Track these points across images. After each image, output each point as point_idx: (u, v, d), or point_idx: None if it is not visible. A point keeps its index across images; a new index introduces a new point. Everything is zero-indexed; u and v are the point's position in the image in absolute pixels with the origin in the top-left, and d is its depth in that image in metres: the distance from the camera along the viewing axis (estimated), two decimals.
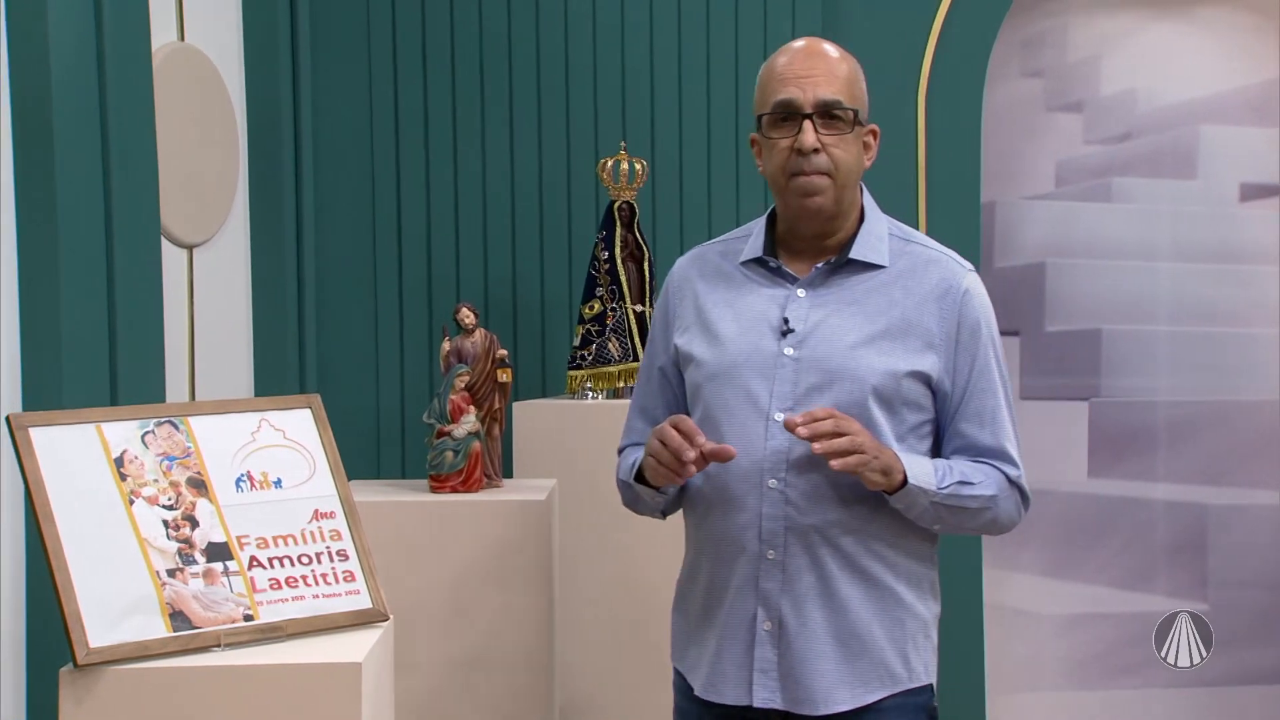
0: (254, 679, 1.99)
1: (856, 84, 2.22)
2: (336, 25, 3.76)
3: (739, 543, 2.17)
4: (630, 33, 3.78)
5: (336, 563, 2.23)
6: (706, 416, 2.21)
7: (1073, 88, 4.12)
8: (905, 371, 2.17)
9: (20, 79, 2.51)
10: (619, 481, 2.36)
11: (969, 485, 2.17)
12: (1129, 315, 4.11)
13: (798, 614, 2.16)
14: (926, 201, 3.82)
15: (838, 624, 2.16)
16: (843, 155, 2.19)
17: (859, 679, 2.17)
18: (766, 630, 2.17)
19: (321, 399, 2.39)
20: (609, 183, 3.52)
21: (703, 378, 2.23)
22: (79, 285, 2.58)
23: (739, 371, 2.19)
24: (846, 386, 2.15)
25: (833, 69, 2.19)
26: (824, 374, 2.16)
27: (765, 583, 2.16)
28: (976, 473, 2.18)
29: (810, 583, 2.15)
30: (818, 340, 2.18)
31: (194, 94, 3.21)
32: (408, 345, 3.80)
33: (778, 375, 2.17)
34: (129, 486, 2.10)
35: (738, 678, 2.19)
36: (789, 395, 2.16)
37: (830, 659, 2.16)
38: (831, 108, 2.17)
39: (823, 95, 2.17)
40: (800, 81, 2.18)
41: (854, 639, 2.17)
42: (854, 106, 2.19)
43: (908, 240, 2.28)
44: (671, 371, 2.34)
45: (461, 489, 3.14)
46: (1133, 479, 4.11)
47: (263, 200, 3.54)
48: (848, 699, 2.17)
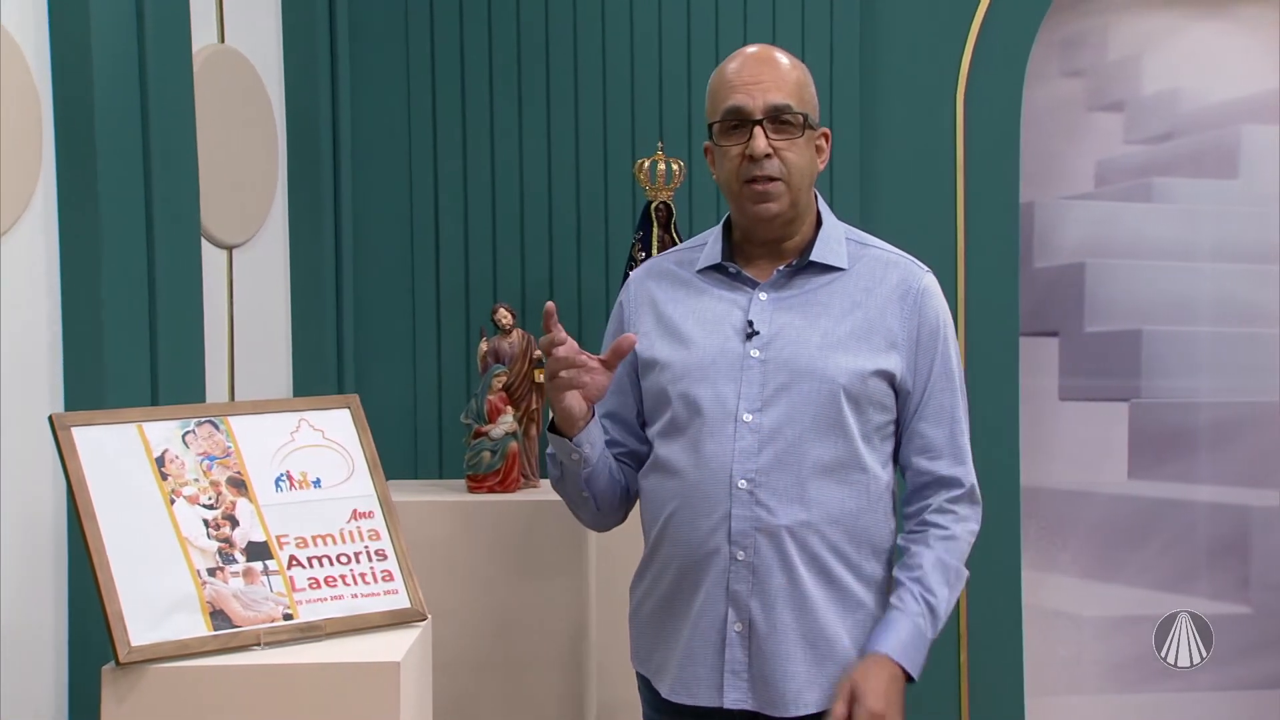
0: (293, 678, 2.00)
1: (806, 89, 2.22)
2: (375, 27, 3.77)
3: (708, 544, 2.18)
4: (667, 33, 3.78)
5: (375, 562, 2.24)
6: (673, 420, 2.22)
7: (1113, 87, 4.09)
8: (871, 371, 2.18)
9: (63, 81, 2.53)
10: (547, 456, 2.31)
11: (944, 594, 2.20)
12: (1170, 316, 4.08)
13: (767, 615, 2.17)
14: (965, 202, 3.80)
15: (806, 625, 2.17)
16: (795, 159, 2.19)
17: (829, 680, 2.18)
18: (737, 632, 2.18)
19: (359, 399, 2.40)
20: (646, 183, 3.52)
21: (668, 381, 2.23)
22: (120, 286, 2.60)
23: (706, 373, 2.20)
24: (815, 385, 2.16)
25: (781, 75, 2.20)
26: (792, 374, 2.17)
27: (735, 584, 2.17)
28: (935, 573, 2.20)
29: (780, 584, 2.16)
30: (784, 342, 2.19)
31: (234, 96, 3.23)
32: (445, 346, 3.80)
33: (745, 377, 2.18)
34: (170, 486, 2.11)
35: (709, 680, 2.20)
36: (757, 396, 2.17)
37: (800, 661, 2.17)
38: (781, 113, 2.17)
39: (772, 100, 2.17)
40: (749, 88, 2.18)
41: (822, 641, 2.18)
42: (804, 111, 2.19)
43: (864, 244, 2.29)
44: (627, 381, 2.33)
45: (499, 489, 3.15)
46: (1174, 481, 4.08)
47: (302, 201, 3.55)
48: (817, 700, 2.18)
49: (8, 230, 2.43)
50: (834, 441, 2.16)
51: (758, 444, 2.15)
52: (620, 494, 2.34)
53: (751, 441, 2.15)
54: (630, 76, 3.78)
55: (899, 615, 2.18)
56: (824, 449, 2.16)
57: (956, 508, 2.24)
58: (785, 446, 2.15)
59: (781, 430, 2.15)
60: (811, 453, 2.15)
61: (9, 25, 2.43)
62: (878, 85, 3.80)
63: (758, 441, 2.15)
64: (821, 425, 2.16)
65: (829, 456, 2.16)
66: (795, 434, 2.15)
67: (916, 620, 2.18)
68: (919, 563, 2.21)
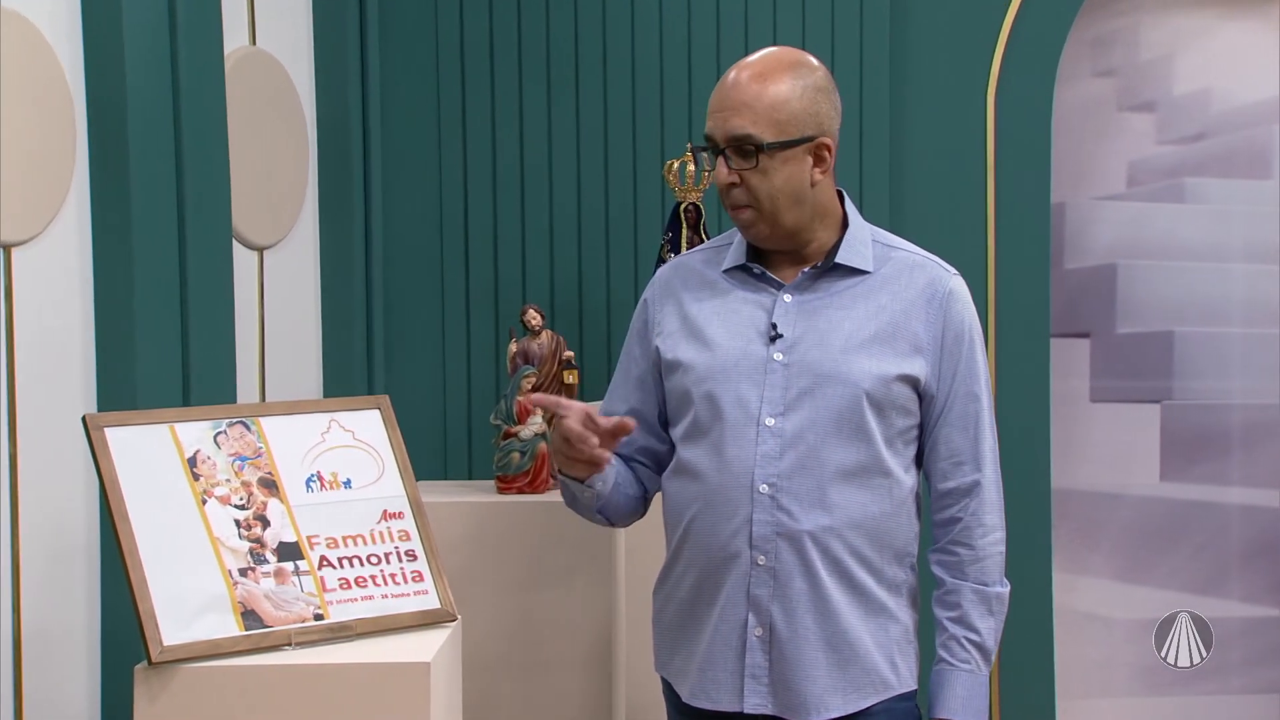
0: (324, 678, 2.01)
1: (783, 107, 2.15)
2: (405, 29, 3.78)
3: (729, 548, 2.17)
4: (696, 33, 3.78)
5: (405, 563, 2.24)
6: (696, 422, 2.21)
7: (1145, 87, 4.06)
8: (895, 375, 2.17)
9: (96, 84, 2.55)
10: (558, 481, 2.31)
11: (988, 625, 2.22)
12: (1202, 317, 4.05)
13: (789, 620, 2.16)
14: (996, 202, 3.79)
15: (828, 630, 2.16)
16: (760, 184, 2.15)
17: (851, 685, 2.18)
18: (758, 636, 2.17)
19: (389, 400, 2.40)
20: (675, 184, 3.51)
21: (691, 383, 2.21)
22: (152, 287, 2.62)
23: (729, 376, 2.18)
24: (838, 390, 2.15)
25: (748, 100, 2.15)
26: (815, 378, 2.15)
27: (756, 589, 2.16)
28: (975, 607, 2.21)
29: (802, 589, 2.15)
30: (807, 345, 2.17)
31: (265, 97, 3.24)
32: (474, 347, 3.81)
33: (768, 380, 2.17)
34: (201, 486, 2.13)
35: (729, 684, 2.19)
36: (780, 400, 2.16)
37: (821, 665, 2.16)
38: (741, 143, 2.15)
39: (732, 130, 2.15)
40: (715, 116, 2.18)
41: (845, 645, 2.17)
42: (768, 139, 2.14)
43: (890, 246, 2.27)
44: (650, 380, 2.32)
45: (528, 490, 3.15)
46: (1206, 483, 4.05)
47: (332, 203, 3.57)
48: (839, 705, 2.17)
49: (41, 232, 2.45)
50: (856, 446, 2.15)
51: (780, 448, 2.14)
52: (635, 506, 2.35)
53: (773, 445, 2.14)
54: (659, 77, 3.78)
55: (950, 671, 2.20)
56: (846, 453, 2.15)
57: (983, 518, 2.23)
58: (807, 451, 2.14)
59: (804, 434, 2.14)
60: (834, 457, 2.14)
61: (43, 28, 2.45)
62: (907, 85, 3.79)
63: (780, 446, 2.14)
64: (844, 430, 2.15)
65: (851, 461, 2.15)
66: (817, 438, 2.14)
67: (968, 670, 2.20)
68: (957, 600, 2.22)
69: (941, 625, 2.23)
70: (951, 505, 2.23)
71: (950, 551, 2.23)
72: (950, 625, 2.22)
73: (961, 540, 2.22)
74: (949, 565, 2.23)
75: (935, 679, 2.23)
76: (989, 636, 2.22)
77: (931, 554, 2.26)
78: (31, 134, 2.41)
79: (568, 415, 2.09)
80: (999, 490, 2.26)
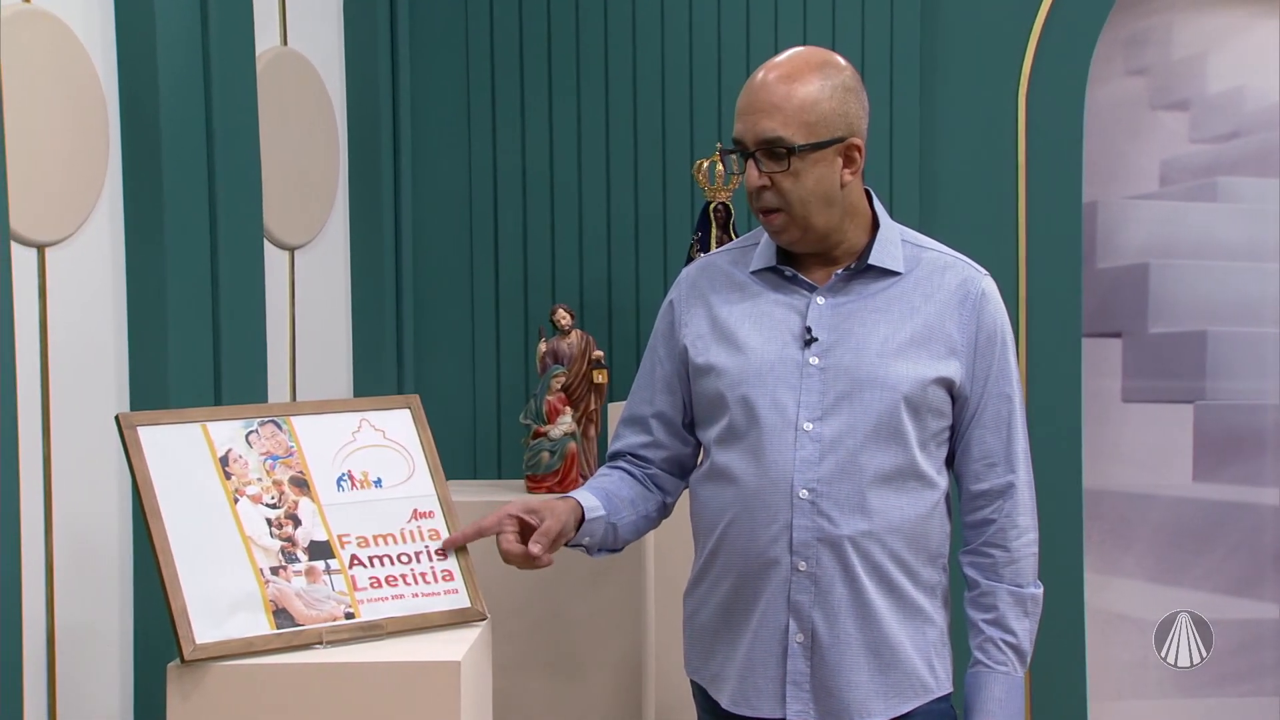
0: (355, 676, 2.01)
1: (814, 108, 2.13)
2: (436, 29, 3.79)
3: (768, 554, 2.15)
4: (725, 33, 3.77)
5: (435, 562, 2.25)
6: (731, 426, 2.19)
7: (1178, 86, 4.04)
8: (931, 378, 2.16)
9: (129, 84, 2.56)
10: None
11: (1024, 627, 2.22)
12: (1236, 317, 4.03)
13: (830, 626, 2.15)
14: (1027, 202, 3.77)
15: (870, 635, 2.15)
16: (791, 187, 2.13)
17: (892, 689, 2.17)
18: (799, 643, 2.16)
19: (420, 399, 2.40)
20: (704, 184, 3.51)
21: (725, 387, 2.20)
22: (184, 287, 2.63)
23: (764, 380, 2.17)
24: (877, 394, 2.13)
25: (778, 102, 2.13)
26: (852, 382, 2.14)
27: (797, 595, 2.15)
28: (1011, 609, 2.21)
29: (843, 594, 2.14)
30: (844, 349, 2.16)
31: (296, 97, 3.25)
32: (504, 346, 3.81)
33: (804, 385, 2.15)
34: (233, 485, 2.13)
35: (770, 691, 2.18)
36: (817, 405, 2.14)
37: (864, 670, 2.15)
38: (772, 145, 2.13)
39: (762, 133, 2.13)
40: (744, 118, 2.16)
41: (886, 649, 2.16)
42: (799, 141, 2.12)
43: (920, 246, 2.25)
44: (677, 382, 2.31)
45: (558, 489, 3.15)
46: (1240, 483, 4.02)
47: (362, 203, 3.58)
48: (881, 710, 2.17)
49: (74, 232, 2.47)
50: (894, 450, 2.14)
51: (819, 453, 2.13)
52: (648, 525, 2.36)
53: (812, 451, 2.13)
54: (689, 76, 3.78)
55: (986, 673, 2.20)
56: (884, 458, 2.14)
57: (1016, 520, 2.22)
58: (846, 456, 2.13)
59: (842, 439, 2.13)
60: (872, 462, 2.13)
61: (76, 29, 2.46)
62: (938, 84, 3.77)
63: (819, 451, 2.13)
64: (882, 434, 2.14)
65: (889, 465, 2.14)
66: (856, 443, 2.13)
67: (1004, 671, 2.20)
68: (992, 603, 2.21)
69: (977, 627, 2.22)
70: (985, 507, 2.22)
71: (984, 553, 2.22)
72: (986, 627, 2.21)
73: (996, 542, 2.21)
74: (983, 567, 2.22)
75: (971, 681, 2.22)
76: (1025, 638, 2.21)
77: (964, 556, 2.25)
78: (64, 134, 2.43)
79: (500, 536, 2.18)
80: (1032, 491, 2.25)
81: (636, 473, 2.34)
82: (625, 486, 2.31)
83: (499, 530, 2.18)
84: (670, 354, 2.31)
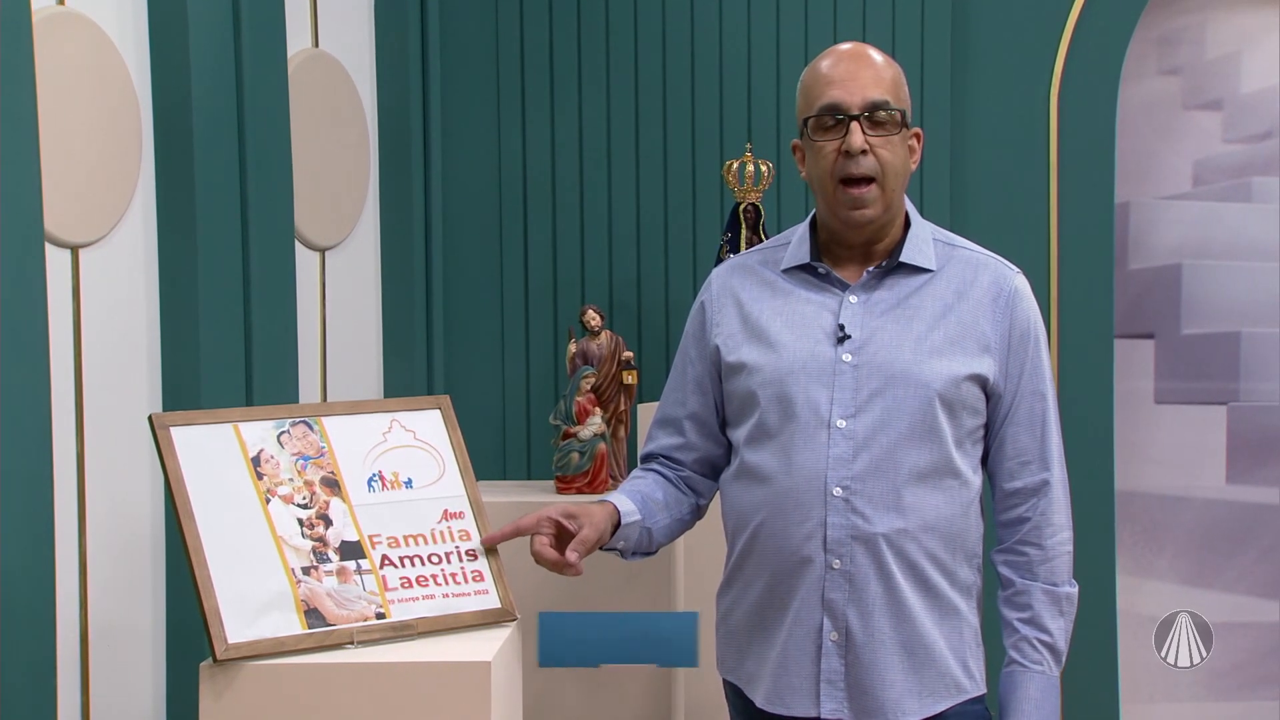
0: (386, 676, 2.02)
1: (901, 86, 2.18)
2: (466, 31, 3.80)
3: (801, 552, 2.14)
4: (755, 34, 3.77)
5: (465, 562, 2.25)
6: (762, 424, 2.18)
7: (1211, 85, 4.01)
8: (965, 375, 2.15)
9: (161, 86, 2.58)
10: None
11: (1059, 626, 2.21)
12: (1269, 318, 4.00)
13: (865, 624, 2.14)
14: (1059, 202, 3.76)
15: (905, 634, 2.14)
16: (890, 157, 2.14)
17: (926, 689, 2.16)
18: (833, 641, 2.15)
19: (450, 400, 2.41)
20: (734, 184, 3.51)
21: (757, 385, 2.19)
22: (216, 288, 2.64)
23: (796, 378, 2.16)
24: (911, 391, 2.13)
25: (878, 71, 2.15)
26: (886, 379, 2.13)
27: (831, 593, 2.14)
28: (1046, 608, 2.20)
29: (877, 592, 2.13)
30: (877, 346, 2.15)
31: (327, 99, 3.26)
32: (534, 347, 3.82)
33: (837, 382, 2.14)
34: (265, 485, 2.14)
35: (804, 689, 2.17)
36: (850, 402, 2.13)
37: (898, 669, 2.14)
38: (879, 108, 2.13)
39: (870, 96, 2.13)
40: (846, 84, 2.14)
41: (920, 648, 2.15)
42: (900, 107, 2.16)
43: (951, 245, 2.25)
44: (709, 383, 2.30)
45: (587, 490, 3.15)
46: (1273, 485, 3.99)
47: (393, 204, 3.59)
48: (915, 709, 2.15)
49: (107, 234, 2.48)
50: (928, 447, 2.13)
51: (852, 450, 2.12)
52: (681, 527, 2.36)
53: (846, 448, 2.12)
54: (719, 77, 3.78)
55: (1022, 673, 2.19)
56: (919, 455, 2.13)
57: (1051, 518, 2.21)
58: (880, 453, 2.12)
59: (876, 436, 2.12)
60: (907, 459, 2.13)
61: (109, 31, 2.48)
62: (970, 83, 3.76)
63: (852, 448, 2.12)
64: (917, 431, 2.13)
65: (924, 463, 2.13)
66: (890, 440, 2.12)
67: (1040, 671, 2.19)
68: (1027, 601, 2.20)
69: (1012, 626, 2.21)
70: (1019, 505, 2.21)
71: (1019, 551, 2.21)
72: (1021, 626, 2.20)
73: (1031, 540, 2.20)
74: (1018, 565, 2.21)
75: (1006, 681, 2.21)
76: (1060, 637, 2.20)
77: (997, 554, 2.24)
78: (97, 136, 2.44)
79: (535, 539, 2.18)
80: (1066, 490, 2.24)
81: (670, 475, 2.34)
82: (659, 489, 2.31)
83: (536, 531, 2.18)
84: (702, 355, 2.31)
